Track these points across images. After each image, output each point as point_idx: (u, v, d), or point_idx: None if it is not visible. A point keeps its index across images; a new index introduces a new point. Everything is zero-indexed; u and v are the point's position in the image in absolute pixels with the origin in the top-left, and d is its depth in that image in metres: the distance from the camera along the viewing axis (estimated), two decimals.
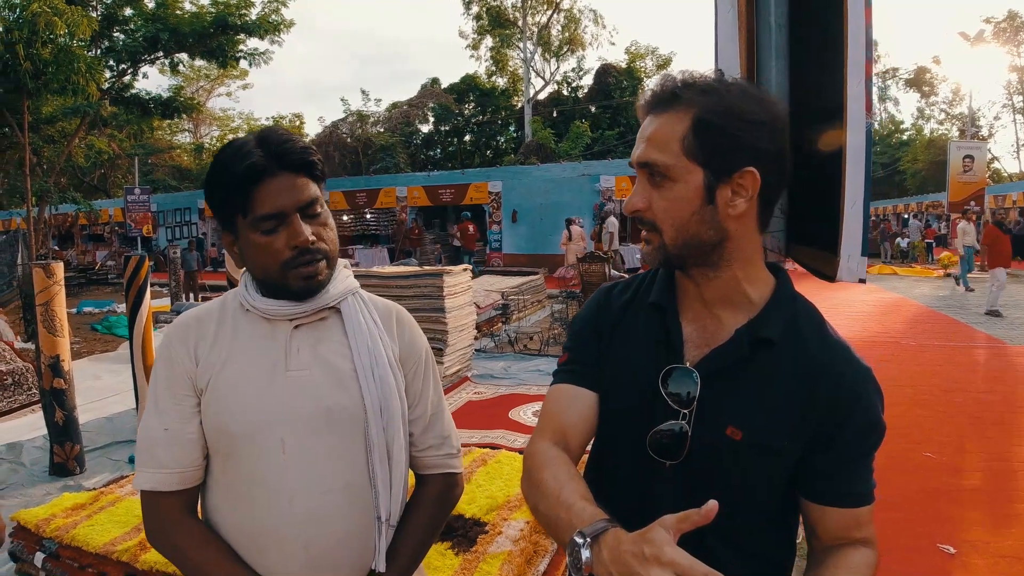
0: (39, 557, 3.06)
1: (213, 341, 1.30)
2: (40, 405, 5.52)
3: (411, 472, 1.47)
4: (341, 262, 1.39)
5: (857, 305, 13.51)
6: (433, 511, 1.43)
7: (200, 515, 1.35)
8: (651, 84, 1.15)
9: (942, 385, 7.28)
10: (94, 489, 3.91)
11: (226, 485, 1.30)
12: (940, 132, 45.89)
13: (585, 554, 0.92)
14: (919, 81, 48.15)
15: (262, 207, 1.22)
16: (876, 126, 49.70)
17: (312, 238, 1.25)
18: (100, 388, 7.79)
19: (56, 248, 28.70)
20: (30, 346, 8.38)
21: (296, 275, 1.25)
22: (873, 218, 36.31)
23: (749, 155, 1.05)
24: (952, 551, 3.69)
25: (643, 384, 1.14)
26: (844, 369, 1.09)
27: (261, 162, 1.22)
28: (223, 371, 1.27)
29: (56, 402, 5.14)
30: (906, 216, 32.55)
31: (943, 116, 48.36)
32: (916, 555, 3.68)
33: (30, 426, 6.24)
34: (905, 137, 47.41)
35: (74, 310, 15.02)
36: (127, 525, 3.02)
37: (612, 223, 17.39)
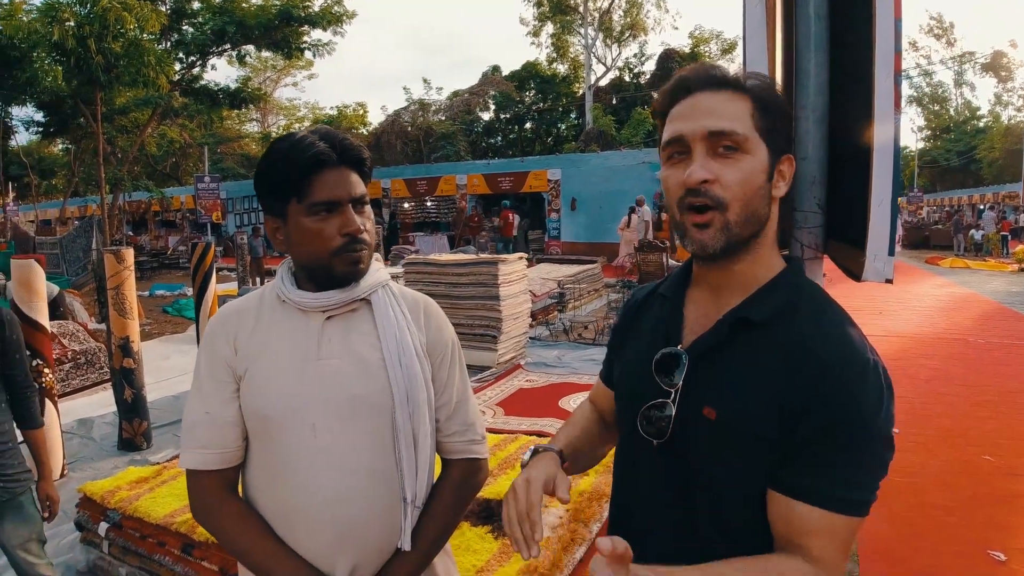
0: (103, 527, 3.24)
1: (251, 331, 1.39)
2: (111, 383, 5.79)
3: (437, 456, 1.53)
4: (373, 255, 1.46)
5: (926, 300, 13.08)
6: (457, 495, 1.49)
7: (241, 493, 1.44)
8: (686, 71, 1.16)
9: (1008, 385, 7.01)
10: (158, 464, 4.11)
11: (262, 465, 1.39)
12: (1018, 119, 43.83)
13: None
14: (996, 66, 46.02)
15: (320, 194, 1.31)
16: (953, 113, 47.74)
17: (361, 228, 1.34)
18: (169, 368, 8.13)
19: (130, 234, 29.78)
20: (102, 327, 8.77)
21: (343, 260, 1.33)
22: (947, 208, 35.00)
23: (788, 142, 1.16)
24: (1003, 558, 3.59)
25: (643, 367, 1.19)
26: (834, 359, 1.02)
27: (327, 152, 1.31)
28: (259, 359, 1.36)
29: (125, 381, 5.40)
30: (981, 207, 31.23)
31: (1021, 102, 46.18)
32: (965, 561, 3.61)
33: (101, 403, 6.57)
34: (981, 124, 45.38)
35: (147, 293, 15.64)
36: (186, 498, 3.17)
37: (646, 211, 17.45)
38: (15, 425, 2.66)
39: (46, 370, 4.75)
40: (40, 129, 23.94)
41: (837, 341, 1.05)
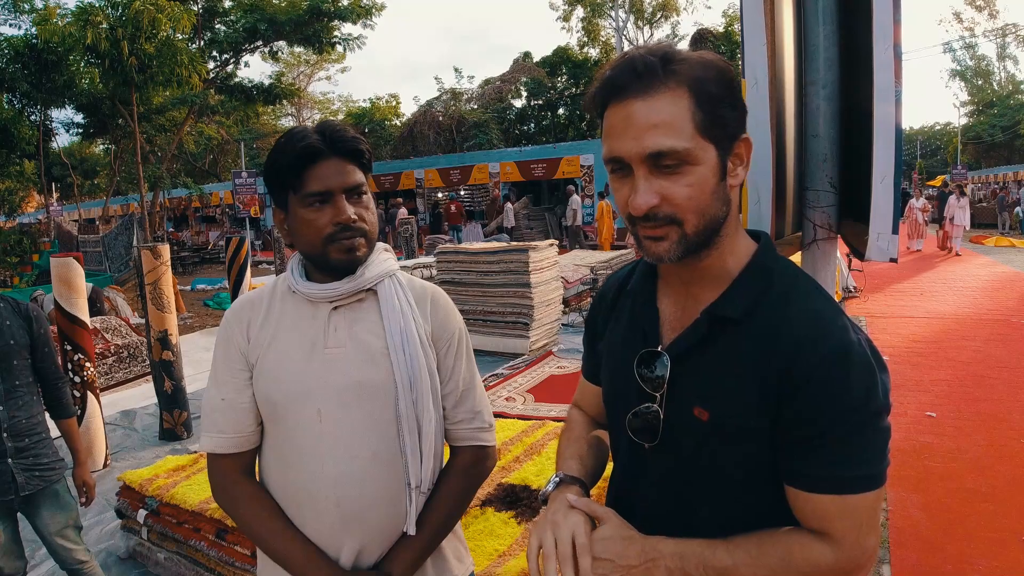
0: (141, 514, 3.35)
1: (263, 321, 1.44)
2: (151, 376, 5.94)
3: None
4: (381, 246, 1.49)
5: (968, 280, 12.77)
6: (463, 481, 1.51)
7: (258, 476, 1.49)
8: (612, 69, 1.03)
9: None
10: (196, 452, 4.21)
11: (274, 448, 1.44)
12: None
13: (549, 487, 1.21)
14: None
15: (312, 185, 1.35)
16: (996, 87, 46.31)
17: (354, 217, 1.37)
18: (209, 359, 8.08)
19: (171, 230, 30.36)
20: (144, 322, 8.98)
21: (337, 248, 1.37)
22: (992, 185, 34.05)
23: (742, 120, 1.04)
24: None
25: (624, 369, 1.16)
26: (811, 346, 0.98)
27: (317, 145, 1.35)
28: (270, 348, 1.41)
29: (165, 373, 5.54)
30: None
31: None
32: (999, 548, 3.55)
33: (143, 395, 6.76)
34: None
35: (188, 287, 15.98)
36: None
37: (575, 200, 19.64)
38: (47, 416, 2.77)
39: (87, 364, 4.90)
40: (80, 130, 24.52)
41: (812, 326, 1.00)
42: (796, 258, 1.65)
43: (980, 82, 47.38)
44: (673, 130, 0.98)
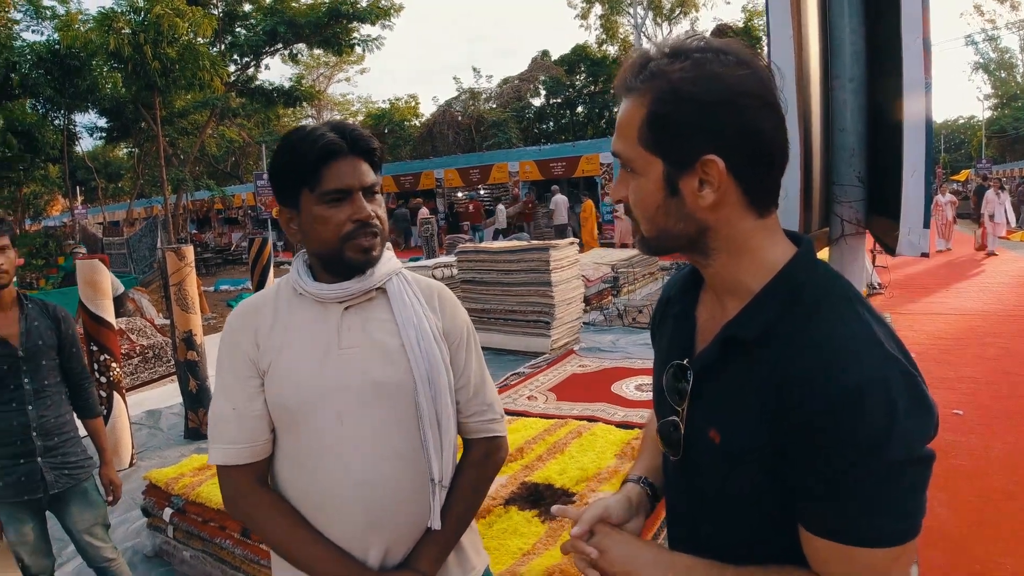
0: (167, 512, 3.38)
1: (271, 326, 1.42)
2: (176, 376, 6.00)
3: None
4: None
5: (995, 275, 12.60)
6: (479, 473, 1.53)
7: (270, 484, 1.46)
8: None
9: None
10: None
11: (291, 455, 1.42)
12: None
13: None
14: None
15: (332, 182, 1.35)
16: (1020, 79, 45.60)
17: (372, 214, 1.37)
18: None
19: (195, 232, 30.66)
20: (168, 322, 9.07)
21: (355, 247, 1.36)
22: (1017, 180, 33.53)
23: (708, 141, 0.94)
24: None
25: (659, 378, 1.14)
26: (822, 380, 0.88)
27: (337, 143, 1.35)
28: (282, 353, 1.39)
29: (190, 373, 5.60)
30: None
31: None
32: None
33: (168, 395, 6.83)
34: None
35: (212, 288, 16.14)
36: None
37: (557, 200, 19.96)
38: (75, 415, 2.81)
39: (113, 364, 4.96)
40: (104, 134, 24.80)
41: (828, 353, 0.90)
42: (824, 254, 1.64)
43: (1003, 75, 46.69)
44: (622, 136, 1.00)
